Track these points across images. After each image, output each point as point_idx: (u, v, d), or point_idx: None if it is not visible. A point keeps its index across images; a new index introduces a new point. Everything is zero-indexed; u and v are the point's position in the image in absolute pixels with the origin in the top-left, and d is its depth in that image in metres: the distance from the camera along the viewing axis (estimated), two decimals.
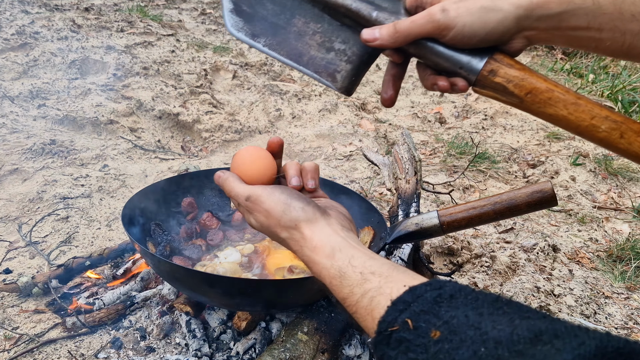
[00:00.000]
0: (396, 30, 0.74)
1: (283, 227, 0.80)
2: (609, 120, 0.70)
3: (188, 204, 1.61)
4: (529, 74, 0.73)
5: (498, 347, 0.47)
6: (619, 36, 0.69)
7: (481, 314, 0.52)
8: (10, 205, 2.02)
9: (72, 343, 1.36)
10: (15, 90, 2.88)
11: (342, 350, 1.32)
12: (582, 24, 0.70)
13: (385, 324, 0.59)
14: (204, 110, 3.12)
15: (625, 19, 0.68)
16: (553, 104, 0.72)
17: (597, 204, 2.54)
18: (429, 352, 0.52)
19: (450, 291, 0.58)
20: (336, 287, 0.73)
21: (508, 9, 0.69)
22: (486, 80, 0.74)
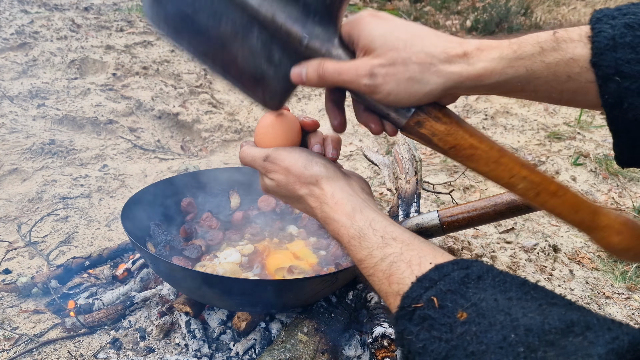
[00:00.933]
0: (322, 74, 0.73)
1: (303, 183, 0.79)
2: (526, 181, 0.74)
3: (188, 204, 1.61)
4: (455, 128, 0.73)
5: (529, 334, 0.46)
6: (556, 95, 0.69)
7: (510, 298, 0.52)
8: (9, 205, 2.01)
9: (71, 343, 1.36)
10: (15, 90, 2.88)
11: (342, 350, 1.31)
12: (516, 89, 0.69)
13: (409, 300, 0.58)
14: (203, 110, 3.11)
15: (561, 81, 0.67)
16: (475, 160, 0.74)
17: (597, 204, 2.53)
18: (454, 332, 0.51)
19: (478, 272, 0.57)
20: (354, 247, 0.72)
21: (436, 81, 0.68)
22: (412, 129, 0.75)
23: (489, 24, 5.96)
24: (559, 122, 3.59)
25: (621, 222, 0.79)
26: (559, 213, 0.77)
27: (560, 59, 0.65)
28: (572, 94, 0.67)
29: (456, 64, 0.68)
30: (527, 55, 0.66)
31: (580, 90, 0.66)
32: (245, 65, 0.77)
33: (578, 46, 0.64)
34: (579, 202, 0.77)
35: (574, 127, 3.50)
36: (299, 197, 0.81)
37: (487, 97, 3.96)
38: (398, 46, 0.68)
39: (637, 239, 0.79)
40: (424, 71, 0.68)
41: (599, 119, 3.70)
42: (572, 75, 0.65)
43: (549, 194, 0.74)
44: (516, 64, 0.67)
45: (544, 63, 0.66)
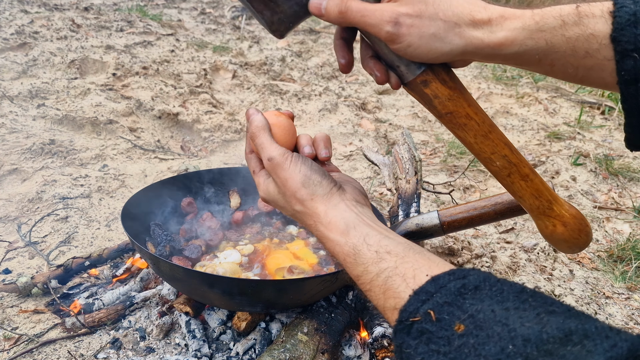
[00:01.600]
0: (344, 12, 0.70)
1: (298, 200, 0.79)
2: (504, 160, 0.77)
3: (188, 204, 1.61)
4: (457, 95, 0.74)
5: (527, 345, 0.46)
6: (572, 70, 0.69)
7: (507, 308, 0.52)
8: (9, 205, 2.01)
9: (71, 343, 1.36)
10: (15, 90, 2.88)
11: (342, 350, 1.31)
12: (533, 61, 0.69)
13: (406, 314, 0.58)
14: (203, 110, 3.11)
15: (578, 56, 0.67)
16: (466, 130, 0.76)
17: (597, 204, 2.53)
18: (452, 345, 0.51)
19: (475, 281, 0.57)
20: (350, 264, 0.72)
21: (458, 43, 0.68)
22: (417, 86, 0.75)
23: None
24: (559, 122, 3.59)
25: (571, 214, 0.84)
26: (521, 195, 0.81)
27: (580, 34, 0.65)
28: (587, 71, 0.67)
29: (479, 30, 0.67)
30: (549, 28, 0.66)
31: (596, 66, 0.66)
32: None
33: (599, 22, 0.64)
34: (542, 189, 0.81)
35: (574, 127, 3.50)
36: (295, 212, 0.80)
37: (487, 97, 3.96)
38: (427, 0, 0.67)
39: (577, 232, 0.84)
40: (448, 30, 0.67)
41: (598, 119, 3.71)
42: (590, 51, 0.65)
43: (520, 176, 0.78)
44: (537, 36, 0.66)
45: (564, 37, 0.66)
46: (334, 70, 4.16)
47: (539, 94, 4.01)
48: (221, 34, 4.78)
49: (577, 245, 0.87)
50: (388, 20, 0.67)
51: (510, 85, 4.23)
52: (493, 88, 4.12)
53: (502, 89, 4.14)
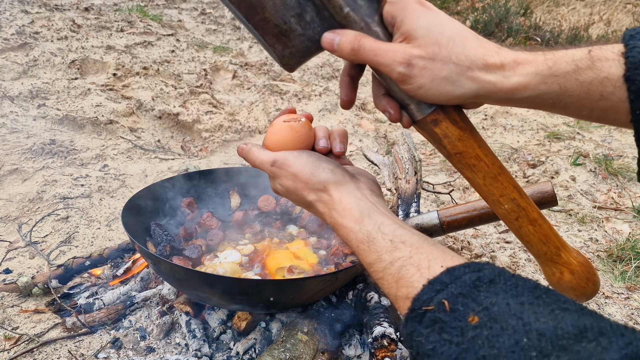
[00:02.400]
0: (356, 49, 0.71)
1: (311, 190, 0.79)
2: (513, 203, 0.76)
3: (188, 204, 1.61)
4: (467, 135, 0.74)
5: (541, 339, 0.46)
6: (586, 112, 0.69)
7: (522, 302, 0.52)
8: (10, 205, 2.02)
9: (72, 343, 1.36)
10: (15, 90, 2.88)
11: (342, 350, 1.31)
12: (546, 104, 0.69)
13: (419, 302, 0.58)
14: (203, 110, 3.11)
15: (593, 99, 0.67)
16: (475, 171, 0.75)
17: (597, 204, 2.54)
18: (465, 335, 0.51)
19: (490, 275, 0.57)
20: (363, 251, 0.72)
21: (470, 87, 0.68)
22: (427, 125, 0.75)
23: (488, 24, 5.96)
24: (559, 122, 3.59)
25: (580, 262, 0.82)
26: (529, 240, 0.79)
27: (594, 77, 0.65)
28: (602, 112, 0.67)
29: (492, 74, 0.67)
30: (562, 73, 0.66)
31: (611, 108, 0.66)
32: (273, 15, 0.73)
33: (613, 65, 0.64)
34: (550, 235, 0.79)
35: (574, 127, 3.51)
36: (309, 203, 0.81)
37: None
38: (441, 42, 0.67)
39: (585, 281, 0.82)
40: (461, 74, 0.67)
41: None
42: (605, 94, 0.65)
43: (529, 220, 0.77)
44: (550, 81, 0.66)
45: (578, 81, 0.66)
46: (334, 71, 4.16)
47: None
48: (221, 34, 4.78)
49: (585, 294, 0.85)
50: (400, 62, 0.67)
51: None
52: None
53: None
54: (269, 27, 0.74)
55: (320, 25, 0.74)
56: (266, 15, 0.73)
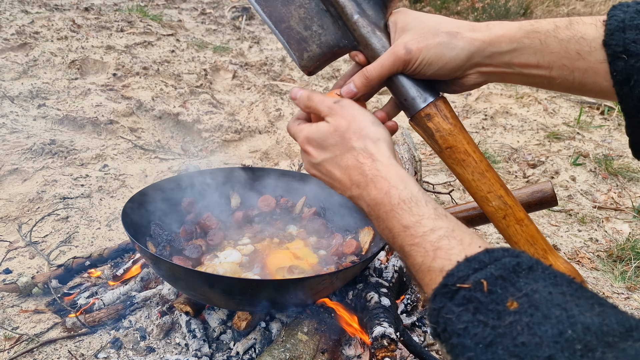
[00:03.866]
0: (368, 79, 0.82)
1: (363, 136, 0.79)
2: (500, 200, 0.81)
3: (188, 204, 1.61)
4: (457, 131, 0.81)
5: (587, 333, 0.45)
6: (568, 74, 0.75)
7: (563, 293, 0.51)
8: (10, 205, 2.02)
9: (72, 343, 1.36)
10: (15, 90, 2.88)
11: (342, 350, 1.31)
12: (532, 62, 0.76)
13: (454, 278, 0.56)
14: (203, 110, 3.11)
15: (571, 57, 0.73)
16: (464, 166, 0.81)
17: (597, 204, 2.54)
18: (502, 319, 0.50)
19: (528, 262, 0.56)
20: (402, 211, 0.70)
21: (462, 45, 0.77)
22: (421, 120, 0.83)
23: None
24: (559, 122, 3.59)
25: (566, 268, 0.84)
26: (516, 240, 0.83)
27: (571, 36, 0.73)
28: (583, 74, 0.74)
29: (479, 32, 0.78)
30: (543, 30, 0.75)
31: (589, 69, 0.73)
32: (296, 24, 0.87)
33: (589, 28, 0.72)
34: (538, 236, 0.82)
35: (574, 127, 3.51)
36: (351, 147, 0.79)
37: (487, 97, 3.97)
38: (429, 24, 0.79)
39: None
40: (451, 36, 0.78)
41: (598, 119, 3.71)
42: (582, 53, 0.72)
43: (515, 219, 0.81)
44: (532, 36, 0.75)
45: (557, 39, 0.74)
46: (333, 71, 4.16)
47: (538, 94, 4.02)
48: (221, 34, 4.78)
49: None
50: (399, 50, 0.79)
51: (510, 86, 4.23)
52: (493, 88, 4.12)
53: (501, 89, 4.15)
54: (293, 34, 0.88)
55: (335, 33, 0.87)
56: (291, 24, 0.87)
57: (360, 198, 0.77)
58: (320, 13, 0.86)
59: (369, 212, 0.77)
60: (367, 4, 0.84)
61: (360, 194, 0.77)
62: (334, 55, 0.89)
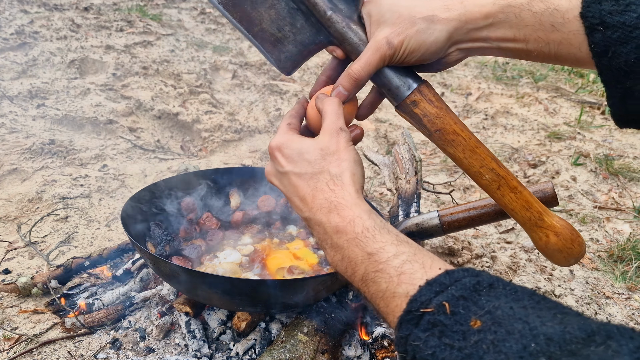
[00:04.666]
0: (357, 79, 0.82)
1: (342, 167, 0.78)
2: (493, 173, 0.84)
3: (188, 204, 1.61)
4: (444, 113, 0.83)
5: (550, 344, 0.45)
6: (544, 46, 0.76)
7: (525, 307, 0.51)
8: (9, 205, 2.01)
9: (71, 343, 1.35)
10: (15, 89, 2.87)
11: (342, 350, 1.31)
12: (508, 36, 0.78)
13: (417, 304, 0.56)
14: (203, 110, 3.11)
15: (546, 30, 0.75)
16: (455, 145, 0.84)
17: (597, 204, 2.53)
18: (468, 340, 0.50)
19: (489, 280, 0.56)
20: (366, 239, 0.71)
21: (440, 28, 0.78)
22: (407, 107, 0.84)
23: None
24: (559, 122, 3.59)
25: (562, 225, 0.89)
26: (513, 207, 0.87)
27: (545, 8, 0.74)
28: (557, 45, 0.75)
29: (454, 11, 0.79)
30: (517, 4, 0.76)
31: (564, 41, 0.74)
32: (269, 26, 0.86)
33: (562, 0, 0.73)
34: (532, 200, 0.86)
35: (574, 127, 3.50)
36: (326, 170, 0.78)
37: (487, 97, 3.96)
38: (403, 12, 0.79)
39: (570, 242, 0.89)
40: (428, 21, 0.78)
41: (599, 118, 3.70)
42: (556, 25, 0.74)
43: (509, 188, 0.85)
44: (507, 10, 0.76)
45: (531, 12, 0.75)
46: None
47: (539, 94, 4.01)
48: (221, 33, 4.78)
49: (572, 255, 0.90)
50: (383, 45, 0.80)
51: (510, 85, 4.22)
52: (493, 88, 4.12)
53: (502, 89, 4.14)
54: (266, 36, 0.86)
55: (309, 30, 0.86)
56: (263, 26, 0.85)
57: (318, 223, 0.76)
58: (291, 12, 0.85)
59: (325, 239, 0.75)
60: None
61: (320, 219, 0.75)
62: (311, 52, 0.88)
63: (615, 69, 0.70)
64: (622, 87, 0.71)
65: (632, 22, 0.67)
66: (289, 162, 0.81)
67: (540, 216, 0.86)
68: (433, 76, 4.31)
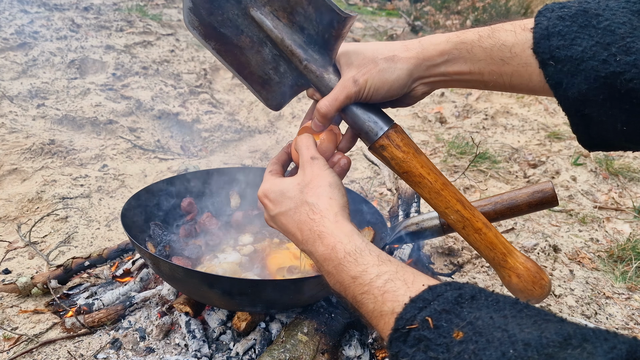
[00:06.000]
0: (322, 112, 0.88)
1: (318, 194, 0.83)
2: (457, 214, 0.90)
3: (188, 204, 1.61)
4: (410, 157, 0.89)
5: (527, 349, 0.46)
6: (498, 77, 0.81)
7: (505, 316, 0.53)
8: (9, 205, 2.01)
9: (71, 343, 1.36)
10: (15, 89, 2.87)
11: (342, 350, 1.31)
12: (464, 70, 0.83)
13: (403, 321, 0.58)
14: (203, 110, 3.11)
15: (497, 63, 0.79)
16: (421, 187, 0.90)
17: (597, 204, 2.53)
18: (451, 351, 0.52)
19: (471, 292, 0.58)
20: (349, 263, 0.74)
21: (400, 67, 0.84)
22: (376, 150, 0.91)
23: (488, 24, 5.95)
24: (559, 122, 3.59)
25: (526, 267, 0.92)
26: (477, 247, 0.92)
27: (493, 44, 0.79)
28: (510, 77, 0.80)
29: (412, 50, 0.85)
30: (468, 41, 0.82)
31: (515, 73, 0.79)
32: (256, 69, 0.96)
33: (508, 35, 0.78)
34: (496, 242, 0.91)
35: None
36: (304, 202, 0.84)
37: (487, 97, 3.96)
38: (367, 55, 0.86)
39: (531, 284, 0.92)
40: (389, 61, 0.85)
41: None
42: (505, 59, 0.78)
43: (474, 229, 0.91)
44: (460, 47, 0.82)
45: (482, 48, 0.80)
46: None
47: None
48: None
49: (532, 296, 0.93)
50: (350, 84, 0.86)
51: None
52: None
53: None
54: (254, 78, 0.96)
55: (291, 74, 0.95)
56: (252, 70, 0.96)
57: (310, 253, 0.82)
58: (275, 58, 0.94)
59: (320, 268, 0.81)
60: (313, 50, 0.90)
61: (310, 250, 0.81)
62: (294, 92, 0.97)
63: (572, 99, 0.73)
64: (581, 114, 0.74)
65: (578, 55, 0.70)
66: (275, 204, 0.88)
67: (503, 257, 0.91)
68: None
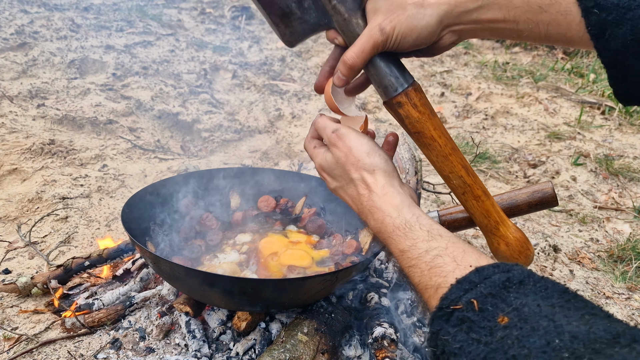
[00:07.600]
0: (351, 66, 0.85)
1: (359, 168, 0.84)
2: (460, 180, 0.91)
3: (188, 204, 1.61)
4: (425, 118, 0.88)
5: (574, 341, 0.46)
6: (534, 27, 0.78)
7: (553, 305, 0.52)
8: (9, 205, 2.01)
9: (71, 343, 1.36)
10: (15, 89, 2.87)
11: (342, 351, 1.31)
12: (498, 17, 0.79)
13: (447, 301, 0.59)
14: (203, 110, 3.11)
15: (534, 11, 0.76)
16: (430, 149, 0.90)
17: (598, 204, 2.53)
18: (494, 335, 0.51)
19: (519, 276, 0.57)
20: (398, 237, 0.75)
21: (430, 12, 0.80)
22: (393, 106, 0.89)
23: None
24: (559, 122, 3.59)
25: (515, 237, 0.95)
26: (473, 212, 0.94)
27: None
28: (547, 26, 0.77)
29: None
30: None
31: (552, 22, 0.76)
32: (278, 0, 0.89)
33: None
34: (491, 210, 0.94)
35: (574, 127, 3.50)
36: (350, 179, 0.85)
37: (487, 97, 3.96)
38: (395, 0, 0.82)
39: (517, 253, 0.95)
40: (419, 7, 0.80)
41: (599, 118, 3.70)
42: (543, 6, 0.75)
43: (473, 196, 0.92)
44: None
45: None
46: None
47: (539, 94, 4.01)
48: (221, 33, 4.77)
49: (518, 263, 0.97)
50: (376, 32, 0.82)
51: (510, 85, 4.22)
52: (493, 88, 4.12)
53: (502, 89, 4.14)
54: (274, 9, 0.89)
55: (315, 12, 0.89)
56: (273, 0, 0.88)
57: (368, 225, 0.84)
58: None
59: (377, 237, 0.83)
60: None
61: (366, 222, 0.84)
62: (314, 31, 0.93)
63: (614, 50, 0.71)
64: (621, 66, 0.73)
65: (626, 3, 0.68)
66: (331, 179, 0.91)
67: (496, 225, 0.94)
68: (433, 76, 4.31)
